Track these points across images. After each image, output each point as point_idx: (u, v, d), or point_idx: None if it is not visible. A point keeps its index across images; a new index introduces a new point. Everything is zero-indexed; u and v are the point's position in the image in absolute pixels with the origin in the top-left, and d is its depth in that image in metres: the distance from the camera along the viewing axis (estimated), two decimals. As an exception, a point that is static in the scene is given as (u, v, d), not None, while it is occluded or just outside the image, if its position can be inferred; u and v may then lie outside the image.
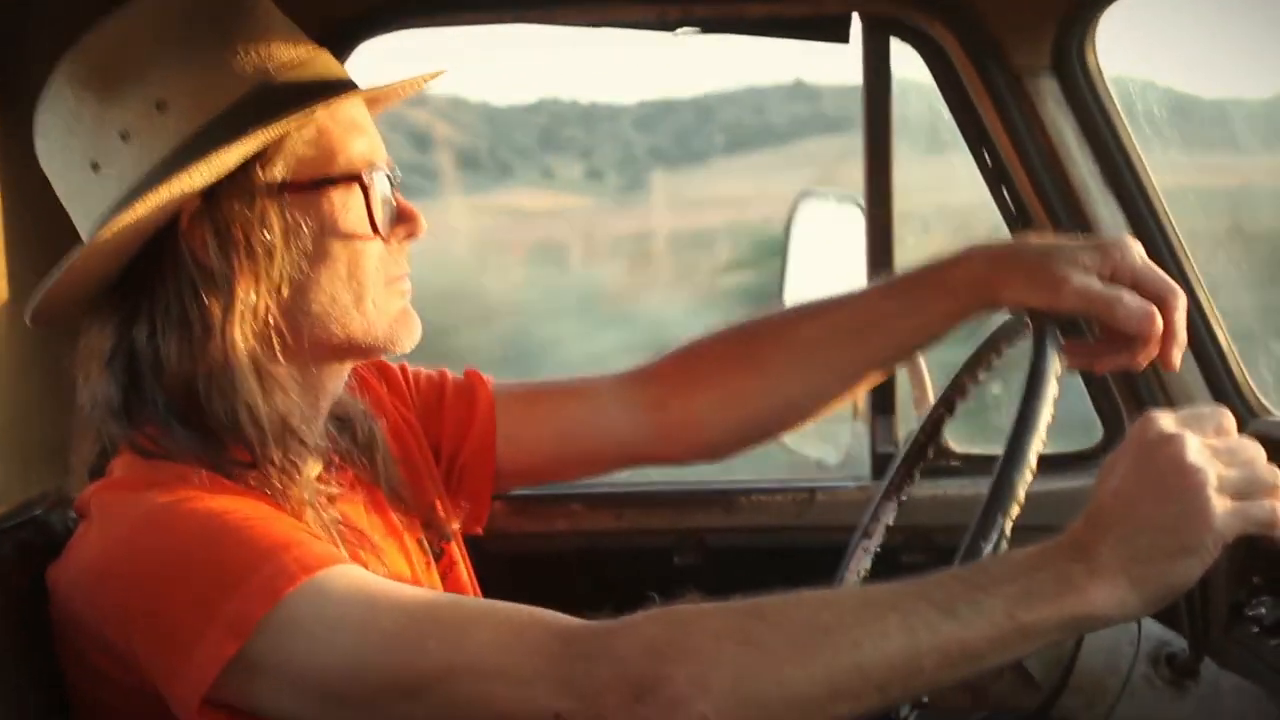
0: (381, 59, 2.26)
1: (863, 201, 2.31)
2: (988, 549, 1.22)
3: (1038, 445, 1.27)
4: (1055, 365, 1.34)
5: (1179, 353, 1.50)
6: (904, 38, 2.22)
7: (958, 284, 1.61)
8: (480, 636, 1.28)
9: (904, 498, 1.70)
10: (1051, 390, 1.32)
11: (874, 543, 1.69)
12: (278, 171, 1.41)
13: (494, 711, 1.27)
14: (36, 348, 1.78)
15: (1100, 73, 2.13)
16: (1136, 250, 1.51)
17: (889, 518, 1.69)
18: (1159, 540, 1.18)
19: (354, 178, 1.45)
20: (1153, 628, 1.41)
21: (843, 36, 2.22)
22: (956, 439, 2.25)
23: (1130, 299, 1.47)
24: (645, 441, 1.79)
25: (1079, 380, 2.15)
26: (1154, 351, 1.50)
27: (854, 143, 2.42)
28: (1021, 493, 1.24)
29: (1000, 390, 1.75)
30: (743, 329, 1.79)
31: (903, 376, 2.26)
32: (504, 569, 1.71)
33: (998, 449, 1.30)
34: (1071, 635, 1.34)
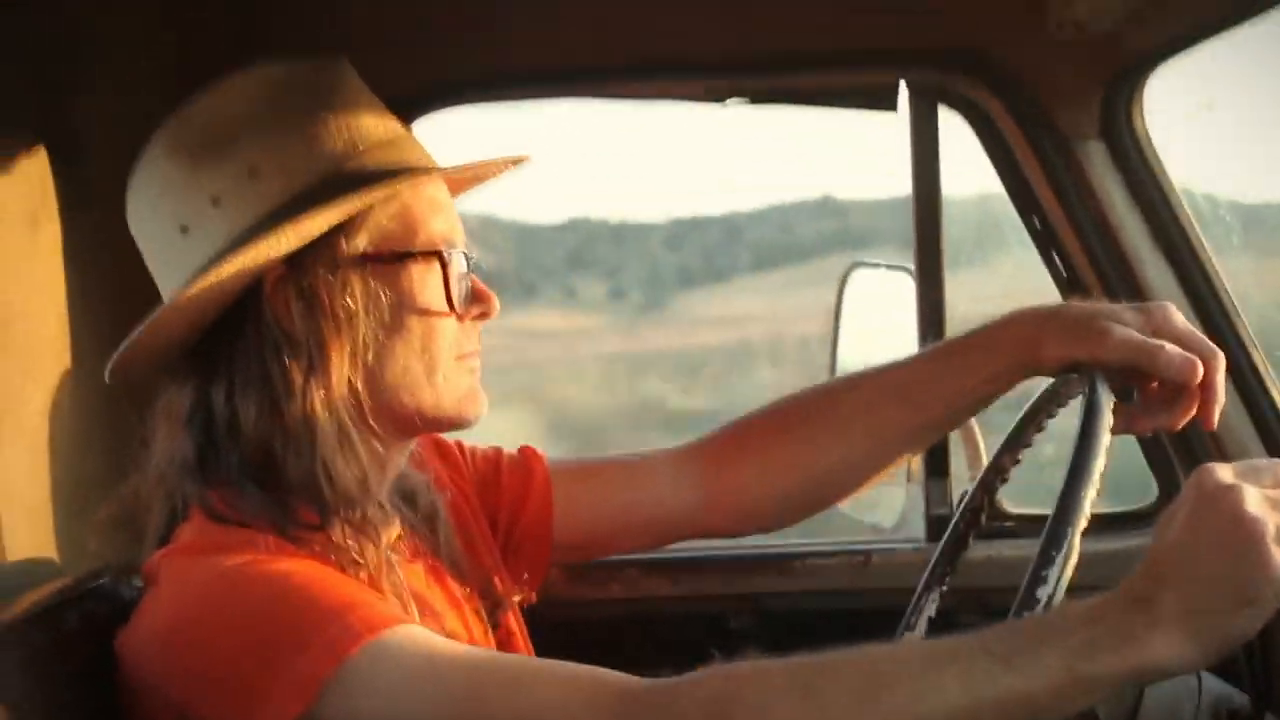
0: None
1: (913, 269, 2.32)
2: (1043, 601, 1.23)
3: (1091, 493, 1.27)
4: (1107, 414, 1.35)
5: (1218, 411, 1.52)
6: (951, 105, 2.24)
7: (1004, 344, 1.63)
8: (542, 695, 1.29)
9: (960, 559, 1.70)
10: (1104, 439, 1.32)
11: (930, 604, 1.70)
12: (361, 243, 1.45)
13: None
14: (100, 419, 1.82)
15: (1148, 136, 2.14)
16: (1177, 314, 1.54)
17: (945, 580, 1.70)
18: (1218, 591, 1.17)
19: (434, 254, 1.48)
20: (1213, 683, 1.40)
21: (890, 105, 2.24)
22: (1011, 500, 2.25)
23: (1172, 348, 1.49)
24: (697, 515, 1.80)
25: (1133, 439, 2.15)
26: (1192, 410, 1.52)
27: (876, 256, 2.45)
28: (1077, 540, 1.24)
29: (1054, 451, 1.75)
30: (792, 401, 1.81)
31: (956, 439, 2.27)
32: (560, 635, 1.71)
33: (1051, 510, 1.30)
34: (1131, 686, 1.34)
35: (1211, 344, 1.52)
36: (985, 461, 1.78)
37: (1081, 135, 2.13)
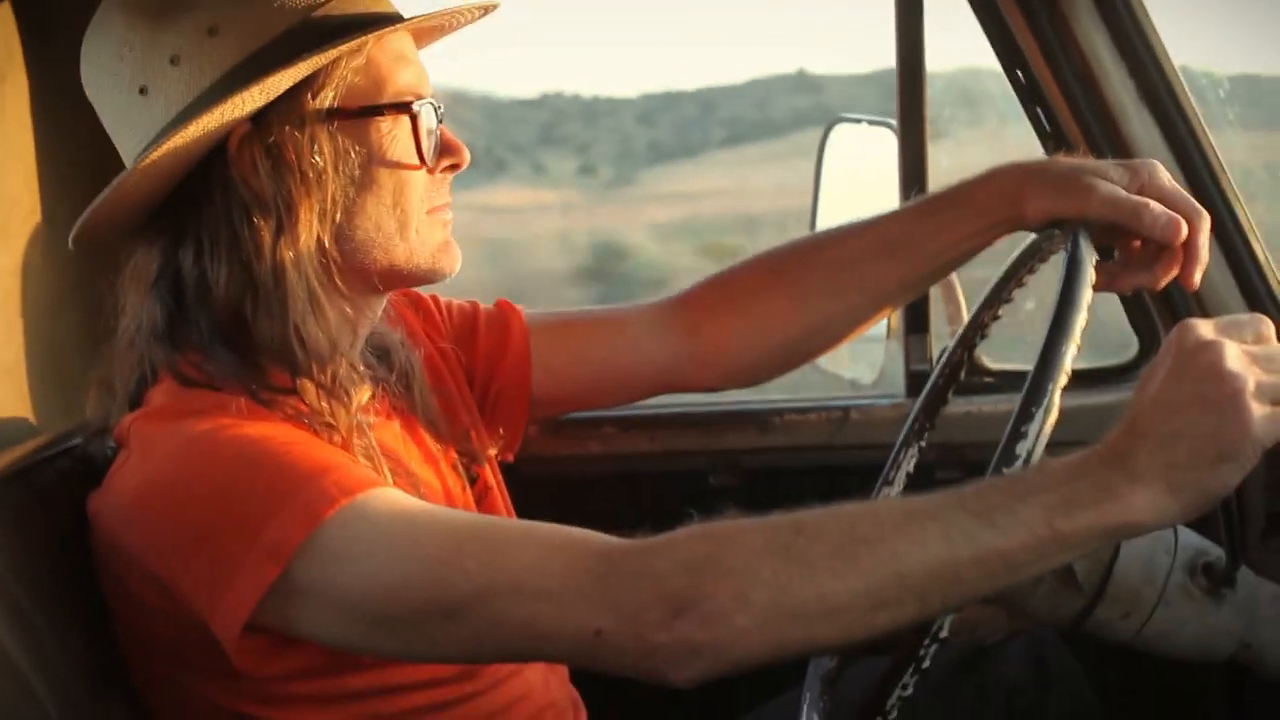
0: None
1: (895, 124, 2.30)
2: (1022, 457, 1.22)
3: (1072, 350, 1.26)
4: (1089, 270, 1.34)
5: (1200, 272, 1.52)
6: (934, -46, 2.21)
7: (987, 200, 1.62)
8: (520, 556, 1.29)
9: (938, 414, 1.70)
10: (1086, 295, 1.31)
11: (909, 460, 1.70)
12: (327, 98, 1.42)
13: (535, 631, 1.28)
14: (72, 279, 1.80)
15: (1136, -12, 2.11)
16: (1163, 172, 1.53)
17: (924, 435, 1.70)
18: (1197, 447, 1.17)
19: (402, 107, 1.46)
20: (1189, 537, 1.40)
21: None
22: (991, 356, 2.26)
23: (1157, 207, 1.48)
24: (678, 368, 1.80)
25: (1114, 296, 2.15)
26: (1175, 270, 1.51)
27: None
28: (1057, 397, 1.24)
29: (1034, 307, 1.75)
30: (774, 254, 1.80)
31: (936, 294, 2.26)
32: (538, 492, 1.72)
33: (1031, 366, 1.29)
34: (1110, 543, 1.34)
35: (1196, 203, 1.52)
36: (965, 317, 1.77)
37: (1067, -14, 2.10)
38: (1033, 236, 1.59)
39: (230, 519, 1.32)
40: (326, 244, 1.44)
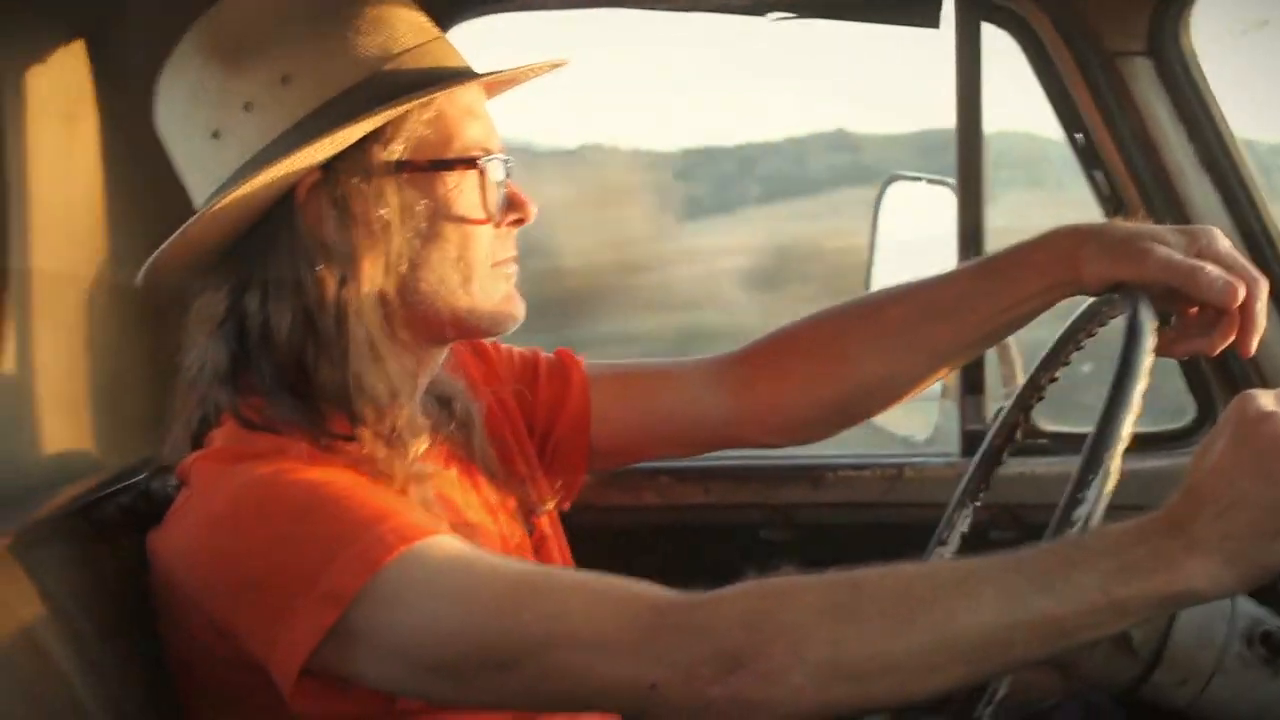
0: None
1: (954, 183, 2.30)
2: (1080, 522, 1.22)
3: (1132, 417, 1.26)
4: (1149, 337, 1.34)
5: (1256, 338, 1.51)
6: (996, 21, 2.21)
7: (1044, 263, 1.61)
8: (576, 607, 1.29)
9: (994, 475, 1.70)
10: (1146, 361, 1.31)
11: (963, 520, 1.70)
12: (396, 151, 1.44)
13: (588, 682, 1.28)
14: (137, 318, 1.82)
15: (1195, 55, 2.12)
16: (1222, 237, 1.53)
17: (979, 496, 1.70)
18: (1257, 518, 1.16)
19: (469, 162, 1.48)
20: (1247, 606, 1.39)
21: (933, 21, 2.21)
22: (1046, 418, 2.25)
23: (1214, 270, 1.48)
24: (734, 424, 1.80)
25: (1171, 361, 2.14)
26: (1231, 336, 1.51)
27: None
28: (1116, 464, 1.24)
29: (1092, 369, 1.75)
30: (831, 314, 1.80)
31: (992, 354, 2.26)
32: (593, 542, 1.72)
33: (1087, 428, 1.29)
34: (1165, 611, 1.33)
35: (1254, 269, 1.51)
36: (1021, 378, 1.78)
37: (1128, 51, 2.11)
38: (1090, 300, 1.59)
39: (289, 563, 1.33)
40: (390, 295, 1.45)
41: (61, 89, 1.76)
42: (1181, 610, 1.34)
